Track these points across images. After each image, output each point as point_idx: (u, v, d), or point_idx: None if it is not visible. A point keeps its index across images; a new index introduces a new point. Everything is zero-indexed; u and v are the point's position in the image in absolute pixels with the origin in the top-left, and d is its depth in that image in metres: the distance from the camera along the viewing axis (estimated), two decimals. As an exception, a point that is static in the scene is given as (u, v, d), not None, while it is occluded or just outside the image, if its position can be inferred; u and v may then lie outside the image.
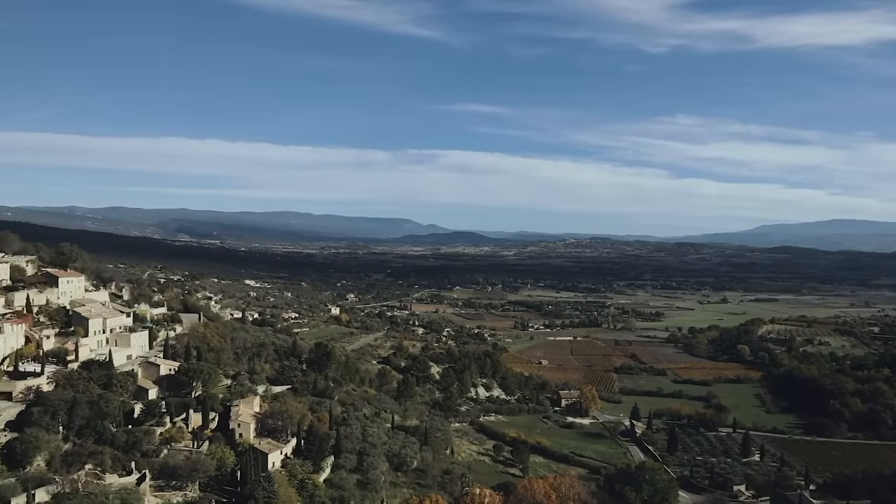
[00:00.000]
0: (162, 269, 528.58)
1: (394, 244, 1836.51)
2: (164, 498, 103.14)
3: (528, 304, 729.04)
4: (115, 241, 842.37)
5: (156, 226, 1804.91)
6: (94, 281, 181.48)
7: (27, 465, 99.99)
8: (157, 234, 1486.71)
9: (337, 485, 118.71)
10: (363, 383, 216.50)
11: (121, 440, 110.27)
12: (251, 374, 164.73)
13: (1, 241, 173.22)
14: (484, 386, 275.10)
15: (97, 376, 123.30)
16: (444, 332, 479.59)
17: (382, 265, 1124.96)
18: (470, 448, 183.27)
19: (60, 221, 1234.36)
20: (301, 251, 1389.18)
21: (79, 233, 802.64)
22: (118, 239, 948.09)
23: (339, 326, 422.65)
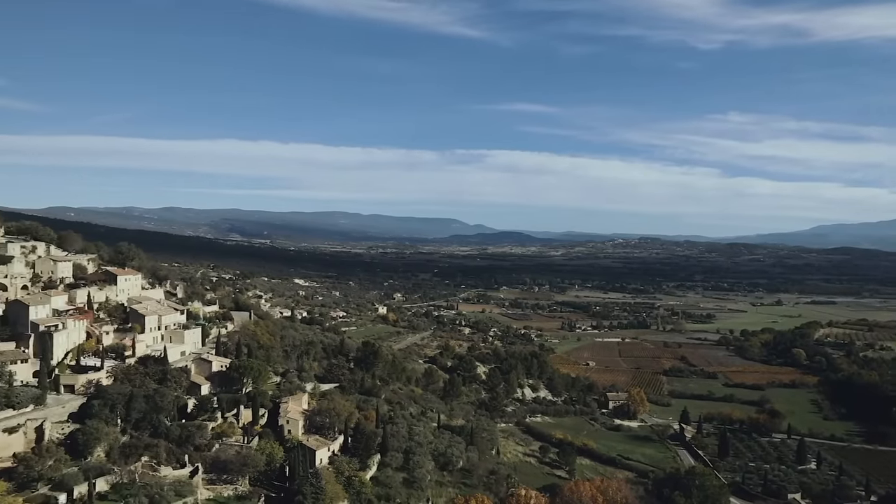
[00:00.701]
0: (214, 268, 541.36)
1: (441, 244, 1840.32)
2: (215, 491, 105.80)
3: (576, 304, 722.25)
4: (170, 241, 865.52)
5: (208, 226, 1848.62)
6: (150, 279, 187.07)
7: (88, 455, 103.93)
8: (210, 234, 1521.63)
9: (383, 483, 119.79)
10: (410, 382, 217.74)
11: (175, 434, 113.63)
12: (300, 371, 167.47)
13: (64, 240, 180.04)
14: (530, 387, 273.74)
15: (153, 371, 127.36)
16: (491, 333, 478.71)
17: (429, 265, 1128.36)
18: (516, 449, 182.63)
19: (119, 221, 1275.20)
20: (349, 251, 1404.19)
21: (136, 232, 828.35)
22: (173, 238, 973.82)
23: (386, 325, 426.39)
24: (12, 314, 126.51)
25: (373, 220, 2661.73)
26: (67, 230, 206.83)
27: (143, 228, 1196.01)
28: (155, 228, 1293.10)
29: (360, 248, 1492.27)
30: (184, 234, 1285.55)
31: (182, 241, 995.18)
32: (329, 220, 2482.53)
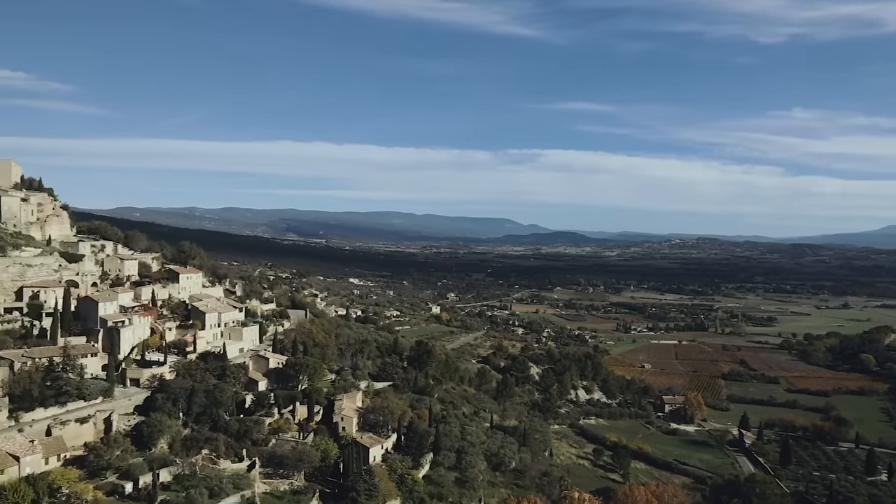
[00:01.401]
0: (271, 267, 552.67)
1: (494, 244, 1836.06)
2: (272, 485, 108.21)
3: (631, 305, 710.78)
4: (230, 240, 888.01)
5: (266, 225, 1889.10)
6: (211, 277, 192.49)
7: (152, 446, 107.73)
8: (267, 234, 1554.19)
9: (435, 481, 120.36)
10: (462, 382, 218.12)
11: (233, 428, 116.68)
12: (354, 369, 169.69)
13: (131, 239, 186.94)
14: (584, 388, 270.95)
15: (212, 367, 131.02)
16: (545, 333, 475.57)
17: (483, 265, 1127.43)
18: (569, 451, 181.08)
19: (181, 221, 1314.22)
20: (403, 250, 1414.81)
21: (197, 232, 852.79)
22: (232, 238, 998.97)
23: (440, 325, 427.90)
24: (83, 310, 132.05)
25: (427, 220, 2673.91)
26: (133, 230, 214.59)
27: (203, 228, 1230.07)
28: (215, 228, 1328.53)
29: (414, 248, 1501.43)
30: (242, 233, 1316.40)
31: (241, 240, 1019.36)
32: (383, 220, 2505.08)
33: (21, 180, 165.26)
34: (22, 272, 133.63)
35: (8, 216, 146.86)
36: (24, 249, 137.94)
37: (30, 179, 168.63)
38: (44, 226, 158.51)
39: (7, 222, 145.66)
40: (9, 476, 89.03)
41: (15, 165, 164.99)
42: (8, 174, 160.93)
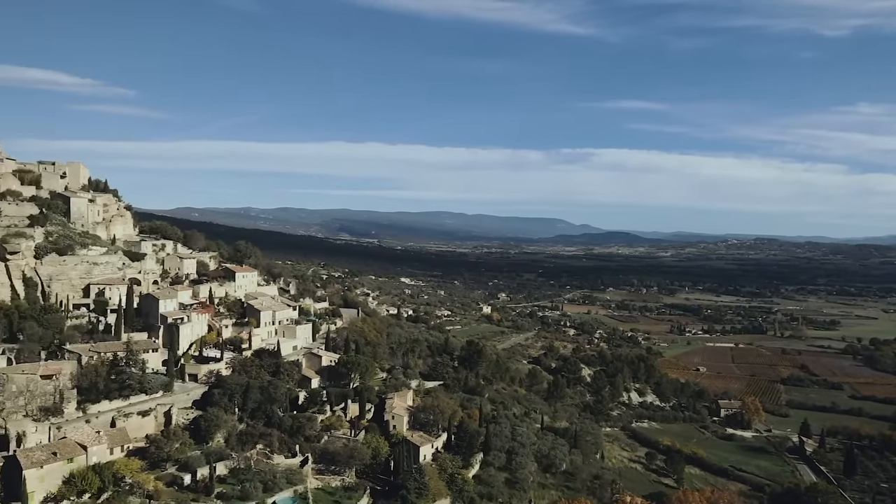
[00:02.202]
0: (324, 266, 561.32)
1: (546, 244, 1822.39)
2: (324, 481, 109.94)
3: (686, 307, 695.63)
4: (284, 240, 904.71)
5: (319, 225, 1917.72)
6: (266, 276, 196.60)
7: (209, 440, 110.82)
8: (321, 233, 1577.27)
9: (486, 481, 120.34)
10: (513, 382, 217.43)
11: (287, 424, 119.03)
12: (405, 368, 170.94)
13: (189, 239, 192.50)
14: (637, 391, 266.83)
15: (267, 364, 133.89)
16: (596, 334, 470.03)
17: (534, 265, 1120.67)
18: (621, 454, 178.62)
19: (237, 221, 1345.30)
20: (454, 250, 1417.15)
21: (252, 231, 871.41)
22: (286, 237, 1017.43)
23: (491, 325, 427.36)
24: (145, 307, 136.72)
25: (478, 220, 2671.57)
26: (192, 229, 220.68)
27: (259, 228, 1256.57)
28: (270, 228, 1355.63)
29: (465, 248, 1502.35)
30: (296, 233, 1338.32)
31: (295, 239, 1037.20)
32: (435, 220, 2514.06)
33: (88, 182, 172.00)
34: (89, 270, 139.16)
35: (76, 216, 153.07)
36: (91, 248, 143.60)
37: (96, 181, 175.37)
38: (109, 226, 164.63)
39: (76, 222, 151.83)
40: (77, 464, 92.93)
41: (83, 168, 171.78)
42: (77, 176, 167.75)
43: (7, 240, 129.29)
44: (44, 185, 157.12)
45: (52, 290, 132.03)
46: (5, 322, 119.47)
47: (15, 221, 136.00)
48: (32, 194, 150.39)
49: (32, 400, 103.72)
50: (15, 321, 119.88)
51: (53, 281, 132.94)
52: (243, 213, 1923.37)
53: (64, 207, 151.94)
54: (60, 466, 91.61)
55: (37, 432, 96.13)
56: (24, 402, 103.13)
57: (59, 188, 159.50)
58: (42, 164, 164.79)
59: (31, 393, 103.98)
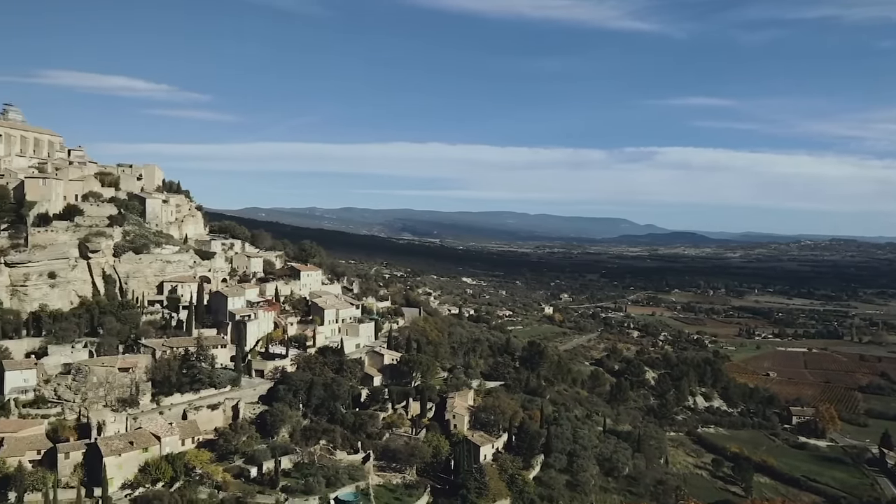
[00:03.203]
0: (387, 266, 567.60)
1: (609, 244, 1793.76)
2: (385, 478, 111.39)
3: (755, 310, 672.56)
4: (347, 239, 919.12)
5: (382, 225, 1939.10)
6: (329, 275, 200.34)
7: (275, 434, 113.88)
8: (383, 233, 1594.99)
9: (546, 483, 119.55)
10: (575, 384, 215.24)
11: (349, 421, 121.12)
12: (466, 368, 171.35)
13: (256, 238, 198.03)
14: (703, 395, 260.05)
15: (330, 361, 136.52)
16: (661, 337, 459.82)
17: (597, 265, 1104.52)
18: (686, 459, 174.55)
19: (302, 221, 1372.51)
20: (516, 250, 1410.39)
21: (317, 231, 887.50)
22: (350, 237, 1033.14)
23: (552, 326, 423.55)
24: (214, 304, 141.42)
25: (540, 220, 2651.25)
26: (259, 229, 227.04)
27: (323, 227, 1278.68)
28: (334, 227, 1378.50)
29: (527, 248, 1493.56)
30: (359, 232, 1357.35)
31: (358, 239, 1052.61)
32: (496, 220, 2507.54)
33: (162, 183, 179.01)
34: (162, 268, 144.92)
35: (151, 216, 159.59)
36: (164, 247, 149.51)
37: (170, 182, 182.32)
38: (181, 225, 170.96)
39: (150, 222, 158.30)
40: (152, 454, 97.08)
41: (158, 170, 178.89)
42: (152, 178, 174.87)
43: (89, 239, 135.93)
44: (122, 186, 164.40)
45: (129, 287, 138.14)
46: (87, 317, 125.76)
47: (96, 221, 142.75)
48: (112, 195, 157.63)
49: (111, 391, 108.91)
50: (96, 316, 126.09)
51: (130, 278, 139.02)
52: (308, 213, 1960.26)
53: (140, 208, 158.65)
54: (136, 455, 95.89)
55: (115, 422, 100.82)
56: (104, 393, 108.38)
57: (135, 189, 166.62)
58: (120, 167, 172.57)
59: (109, 384, 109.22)
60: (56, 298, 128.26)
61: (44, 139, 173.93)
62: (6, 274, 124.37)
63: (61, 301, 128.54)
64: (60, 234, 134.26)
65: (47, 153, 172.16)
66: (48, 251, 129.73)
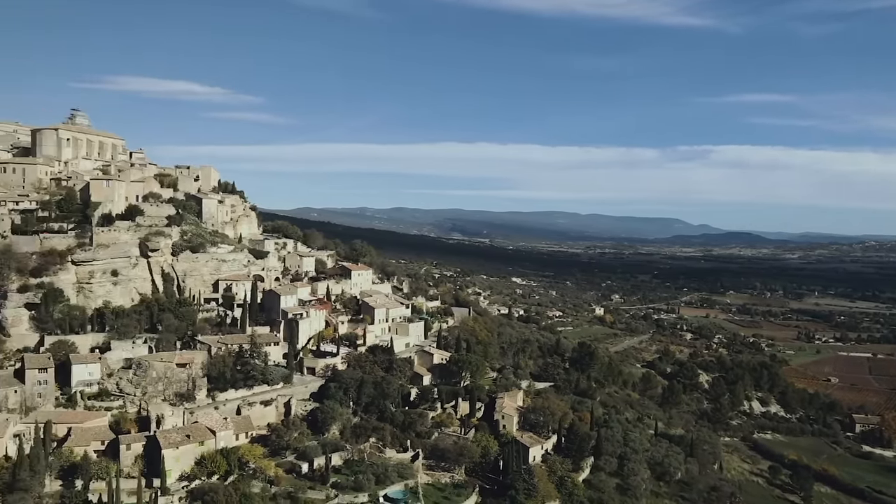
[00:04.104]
0: (437, 266, 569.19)
1: (661, 244, 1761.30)
2: (433, 477, 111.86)
3: (815, 313, 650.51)
4: (398, 239, 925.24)
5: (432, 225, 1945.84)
6: (380, 274, 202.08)
7: (325, 431, 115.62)
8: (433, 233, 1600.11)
9: (596, 486, 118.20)
10: (626, 386, 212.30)
11: (399, 419, 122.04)
12: (515, 368, 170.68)
13: (308, 238, 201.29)
14: (759, 400, 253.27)
15: (380, 360, 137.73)
16: (715, 339, 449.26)
17: (649, 266, 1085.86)
18: (741, 465, 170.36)
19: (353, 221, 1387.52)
20: (566, 250, 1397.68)
21: (368, 231, 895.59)
22: (400, 237, 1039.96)
23: (603, 327, 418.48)
24: (267, 302, 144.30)
25: (591, 220, 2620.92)
26: (311, 229, 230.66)
27: (374, 227, 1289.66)
28: (384, 227, 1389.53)
29: (578, 248, 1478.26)
30: (410, 232, 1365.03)
31: (408, 239, 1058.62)
32: (547, 220, 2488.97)
33: (218, 184, 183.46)
34: (218, 267, 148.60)
35: (207, 216, 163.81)
36: (220, 246, 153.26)
37: (225, 183, 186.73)
38: (236, 225, 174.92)
39: (207, 222, 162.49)
40: (207, 447, 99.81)
41: (214, 171, 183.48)
42: (208, 179, 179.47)
43: (149, 238, 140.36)
44: (180, 187, 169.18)
45: (186, 285, 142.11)
46: (147, 314, 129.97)
47: (155, 221, 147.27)
48: (170, 196, 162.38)
49: (169, 386, 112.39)
50: (155, 313, 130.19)
51: (187, 276, 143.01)
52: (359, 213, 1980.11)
53: (196, 208, 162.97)
54: (193, 448, 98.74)
55: (173, 416, 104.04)
56: (163, 388, 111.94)
57: (192, 190, 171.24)
58: (178, 169, 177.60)
59: (168, 379, 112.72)
60: (118, 295, 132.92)
61: (108, 142, 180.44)
62: (73, 272, 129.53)
63: (123, 298, 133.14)
64: (122, 233, 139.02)
65: (111, 156, 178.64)
66: (111, 250, 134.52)
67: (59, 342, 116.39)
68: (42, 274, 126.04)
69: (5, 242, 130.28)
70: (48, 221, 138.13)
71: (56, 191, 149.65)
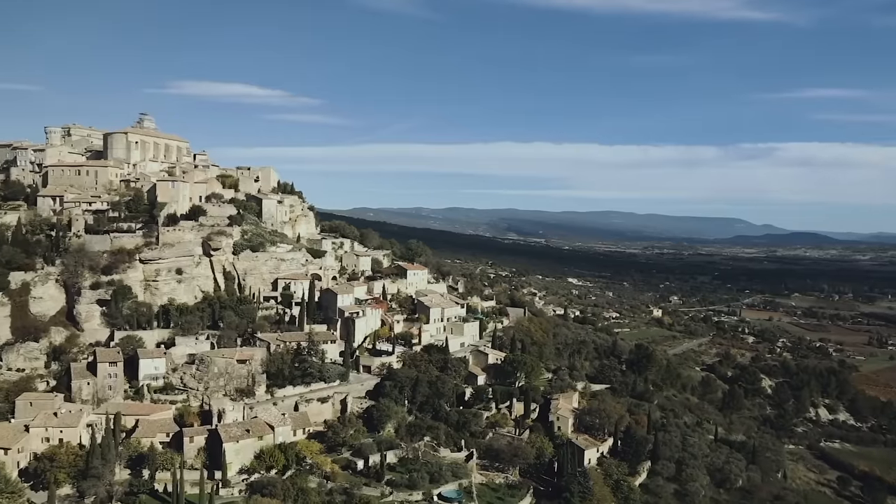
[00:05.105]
0: (492, 265, 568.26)
1: (722, 245, 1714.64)
2: (487, 477, 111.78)
3: (888, 317, 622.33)
4: (453, 239, 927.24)
5: (487, 224, 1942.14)
6: (435, 274, 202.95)
7: (381, 429, 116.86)
8: (488, 233, 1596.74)
9: (653, 491, 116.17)
10: (684, 390, 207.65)
11: (453, 419, 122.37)
12: (571, 369, 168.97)
13: (365, 237, 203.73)
14: (826, 407, 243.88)
15: (435, 359, 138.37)
16: (779, 343, 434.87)
17: (709, 267, 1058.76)
18: (807, 475, 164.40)
19: (409, 221, 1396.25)
20: (623, 251, 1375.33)
21: (423, 231, 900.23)
22: (455, 237, 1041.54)
23: (661, 329, 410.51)
24: (325, 301, 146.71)
25: (648, 220, 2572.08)
26: (367, 229, 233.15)
27: (429, 227, 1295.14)
28: (440, 227, 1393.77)
29: (635, 249, 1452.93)
30: (465, 232, 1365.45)
31: (463, 239, 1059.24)
32: (603, 220, 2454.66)
33: (277, 185, 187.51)
34: (277, 266, 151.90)
35: (267, 216, 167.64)
36: (279, 245, 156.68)
37: (284, 184, 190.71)
38: (294, 225, 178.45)
39: (266, 221, 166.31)
40: (266, 442, 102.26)
41: (273, 172, 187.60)
42: (268, 180, 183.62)
43: (211, 238, 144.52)
44: (240, 188, 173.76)
45: (246, 284, 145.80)
46: (209, 311, 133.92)
47: (217, 221, 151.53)
48: (231, 196, 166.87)
49: (230, 381, 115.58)
50: (217, 310, 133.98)
51: (248, 275, 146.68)
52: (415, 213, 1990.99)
53: (256, 208, 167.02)
54: (252, 443, 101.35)
55: (233, 410, 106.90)
56: (224, 383, 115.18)
57: (252, 191, 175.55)
58: (239, 170, 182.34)
59: (228, 375, 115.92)
60: (182, 293, 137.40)
61: (173, 145, 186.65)
62: (140, 270, 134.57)
63: (187, 295, 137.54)
64: (186, 232, 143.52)
65: (176, 158, 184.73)
66: (176, 249, 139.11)
67: (128, 337, 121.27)
68: (112, 272, 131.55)
69: (79, 241, 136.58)
70: (118, 221, 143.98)
71: (125, 192, 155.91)
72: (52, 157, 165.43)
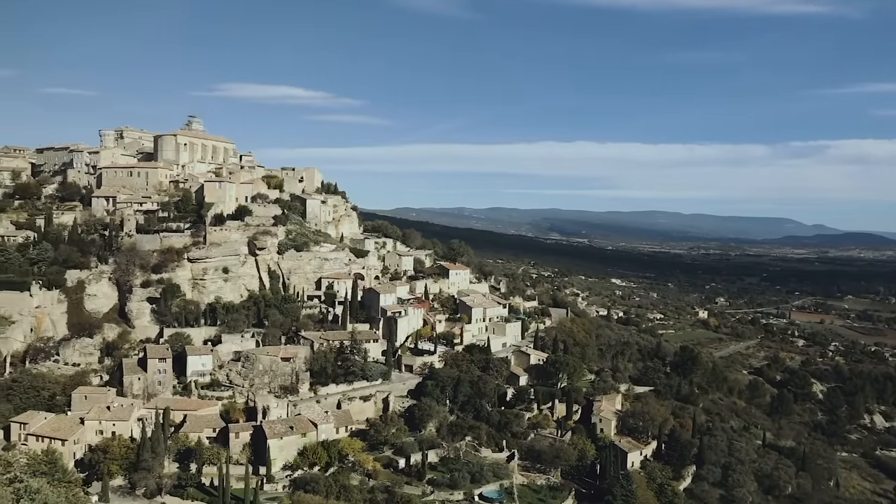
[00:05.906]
0: (534, 266, 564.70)
1: (771, 245, 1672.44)
2: (529, 478, 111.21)
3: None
4: (495, 239, 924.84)
5: (529, 224, 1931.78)
6: (477, 274, 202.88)
7: (422, 428, 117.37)
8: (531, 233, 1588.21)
9: (698, 496, 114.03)
10: (731, 393, 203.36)
11: (495, 419, 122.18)
12: (614, 371, 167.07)
13: (407, 237, 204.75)
14: (882, 414, 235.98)
15: (477, 359, 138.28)
16: (831, 347, 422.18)
17: (757, 268, 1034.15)
18: (861, 484, 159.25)
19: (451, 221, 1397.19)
20: (668, 251, 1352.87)
21: (465, 231, 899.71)
22: (497, 237, 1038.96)
23: (707, 331, 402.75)
24: (367, 300, 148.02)
25: (694, 220, 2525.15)
26: (409, 228, 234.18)
27: (471, 227, 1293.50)
28: (482, 227, 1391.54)
29: (680, 249, 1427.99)
30: (507, 232, 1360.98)
31: (505, 239, 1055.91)
32: (647, 220, 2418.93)
33: (321, 185, 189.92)
34: (320, 265, 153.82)
35: (311, 216, 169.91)
36: (322, 245, 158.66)
37: (327, 184, 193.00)
38: (338, 224, 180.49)
39: (310, 221, 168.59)
40: (309, 439, 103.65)
41: (317, 173, 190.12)
42: (312, 180, 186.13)
43: (256, 237, 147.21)
44: (285, 188, 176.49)
45: (290, 282, 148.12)
46: (254, 309, 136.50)
47: (262, 221, 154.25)
48: (276, 197, 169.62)
49: (274, 379, 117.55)
50: (262, 308, 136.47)
51: (292, 274, 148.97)
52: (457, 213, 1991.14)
53: (301, 208, 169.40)
54: (296, 439, 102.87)
55: (277, 407, 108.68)
56: (268, 381, 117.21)
57: (297, 191, 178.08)
58: (284, 170, 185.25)
59: (273, 372, 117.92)
60: (228, 291, 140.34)
61: (220, 146, 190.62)
62: (188, 268, 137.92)
63: (233, 294, 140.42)
64: (233, 232, 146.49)
65: (222, 159, 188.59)
66: (222, 248, 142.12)
67: (176, 334, 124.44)
68: (162, 270, 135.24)
69: (131, 241, 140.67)
70: (167, 221, 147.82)
71: (174, 192, 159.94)
72: (106, 160, 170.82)
